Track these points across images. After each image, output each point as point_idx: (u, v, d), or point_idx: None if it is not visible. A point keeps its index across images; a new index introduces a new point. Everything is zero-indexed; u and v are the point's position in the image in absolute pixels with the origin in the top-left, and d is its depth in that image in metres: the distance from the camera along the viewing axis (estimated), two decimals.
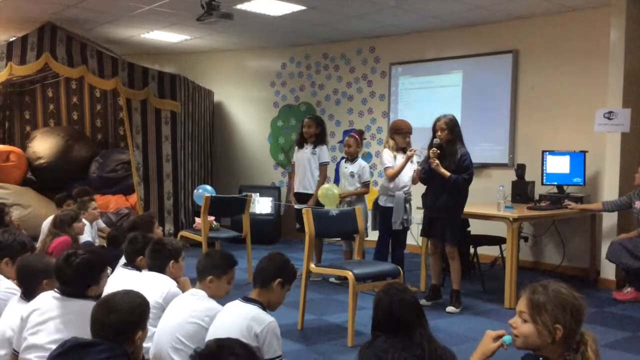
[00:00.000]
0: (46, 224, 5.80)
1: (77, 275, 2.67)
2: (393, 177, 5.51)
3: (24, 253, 3.27)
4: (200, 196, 6.29)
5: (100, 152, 8.92)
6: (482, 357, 2.11)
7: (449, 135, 4.99)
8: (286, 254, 3.15)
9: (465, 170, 4.93)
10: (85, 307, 2.57)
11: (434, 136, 5.06)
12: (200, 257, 3.17)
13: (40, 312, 2.64)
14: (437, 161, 4.95)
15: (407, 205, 5.62)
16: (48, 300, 2.67)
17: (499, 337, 2.12)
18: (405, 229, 5.68)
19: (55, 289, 2.70)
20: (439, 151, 4.97)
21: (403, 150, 5.61)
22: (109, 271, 3.91)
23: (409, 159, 5.46)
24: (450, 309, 5.05)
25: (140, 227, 4.38)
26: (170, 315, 2.95)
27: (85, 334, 2.49)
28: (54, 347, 2.51)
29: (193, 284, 3.37)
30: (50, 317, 2.61)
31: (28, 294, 2.89)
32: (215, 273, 3.02)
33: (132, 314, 2.25)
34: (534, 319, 1.96)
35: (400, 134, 5.62)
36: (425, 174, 5.12)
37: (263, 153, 9.40)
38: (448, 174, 4.93)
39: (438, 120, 5.09)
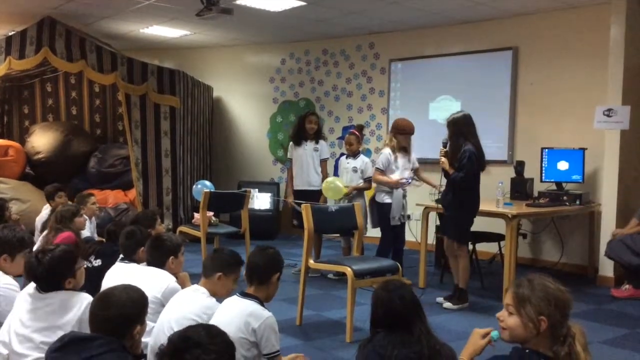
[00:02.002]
0: (39, 219, 5.81)
1: (50, 272, 2.69)
2: (376, 182, 5.67)
3: (23, 249, 3.26)
4: (199, 192, 6.29)
5: (99, 147, 8.92)
6: (472, 355, 2.13)
7: (450, 133, 5.07)
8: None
9: (461, 168, 4.93)
10: (67, 297, 2.67)
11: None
12: (209, 253, 3.18)
13: (27, 304, 2.68)
14: (442, 159, 5.04)
15: (404, 201, 5.69)
16: (32, 292, 2.71)
17: (487, 334, 2.14)
18: (402, 225, 5.72)
19: (34, 286, 2.73)
20: (445, 149, 5.07)
21: (404, 149, 5.67)
22: (94, 263, 3.96)
23: (399, 185, 5.59)
24: (447, 305, 5.05)
25: (142, 222, 4.38)
26: (169, 310, 2.96)
27: (68, 322, 2.59)
28: (36, 336, 2.58)
29: (193, 280, 3.38)
30: (33, 308, 2.66)
31: None
32: (224, 271, 3.03)
33: (130, 308, 2.25)
34: (519, 312, 2.01)
35: (403, 134, 5.67)
36: (443, 171, 5.18)
37: (262, 149, 9.39)
38: (451, 171, 4.98)
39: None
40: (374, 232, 6.54)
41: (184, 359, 1.68)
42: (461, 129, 5.02)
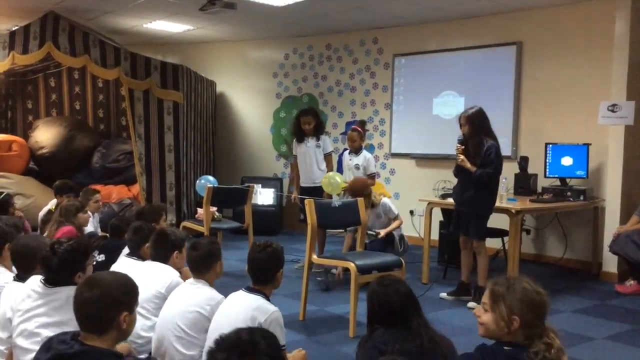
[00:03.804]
0: (42, 214, 5.82)
1: (63, 263, 2.67)
2: None
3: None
4: (202, 187, 6.29)
5: (103, 142, 8.93)
6: None
7: (469, 130, 4.96)
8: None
9: (490, 164, 4.86)
10: (73, 291, 2.60)
11: (462, 132, 5.06)
12: (189, 253, 3.12)
13: (31, 299, 2.67)
14: (462, 156, 4.94)
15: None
16: (37, 287, 2.69)
17: None
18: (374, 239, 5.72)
19: (41, 279, 2.70)
20: (463, 147, 4.97)
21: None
22: (97, 258, 3.97)
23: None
24: (472, 304, 4.96)
25: (147, 216, 4.39)
26: (171, 304, 2.97)
27: (74, 318, 2.46)
28: (42, 331, 2.54)
29: None
30: (39, 304, 2.64)
31: (24, 275, 2.95)
32: (218, 259, 3.10)
33: (116, 289, 2.11)
34: (493, 309, 2.07)
35: (353, 196, 5.50)
36: (455, 169, 5.11)
37: (265, 144, 9.39)
38: (474, 168, 4.88)
39: (460, 115, 5.09)
40: None
41: (245, 354, 1.59)
42: (481, 125, 4.95)
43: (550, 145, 6.41)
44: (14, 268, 3.19)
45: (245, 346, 1.62)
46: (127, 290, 2.17)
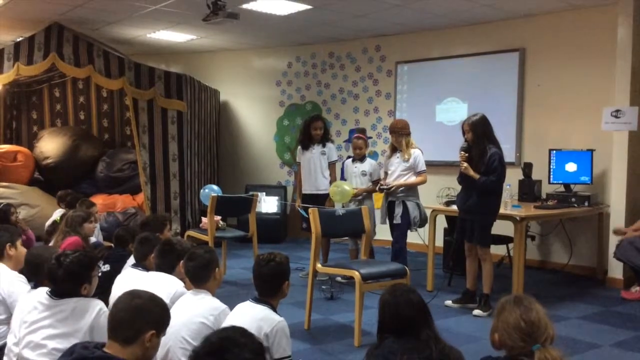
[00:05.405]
0: (48, 225, 5.84)
1: (69, 275, 2.70)
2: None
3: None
4: (206, 196, 6.30)
5: (107, 152, 8.96)
6: None
7: (473, 137, 4.96)
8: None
9: (493, 171, 4.87)
10: (79, 304, 2.66)
11: (465, 139, 5.06)
12: (186, 263, 3.10)
13: (37, 311, 2.69)
14: (465, 164, 4.95)
15: (399, 203, 5.60)
16: (43, 299, 2.71)
17: None
18: (395, 226, 5.65)
19: (47, 291, 2.72)
20: (466, 154, 4.97)
21: (395, 149, 5.70)
22: (102, 268, 3.99)
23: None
24: (477, 312, 4.97)
25: (152, 226, 4.40)
26: (175, 316, 2.95)
27: (80, 329, 2.59)
28: (48, 342, 2.58)
29: None
30: (45, 316, 2.66)
31: (38, 284, 3.00)
32: (217, 266, 3.10)
33: (154, 306, 2.25)
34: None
35: (391, 133, 5.69)
36: (459, 176, 5.12)
37: (269, 152, 9.41)
38: (477, 176, 4.89)
39: (464, 122, 5.09)
40: (382, 235, 6.55)
41: (224, 359, 1.70)
42: (484, 132, 4.96)
43: (554, 152, 6.41)
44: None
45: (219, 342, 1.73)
46: (163, 313, 2.29)
